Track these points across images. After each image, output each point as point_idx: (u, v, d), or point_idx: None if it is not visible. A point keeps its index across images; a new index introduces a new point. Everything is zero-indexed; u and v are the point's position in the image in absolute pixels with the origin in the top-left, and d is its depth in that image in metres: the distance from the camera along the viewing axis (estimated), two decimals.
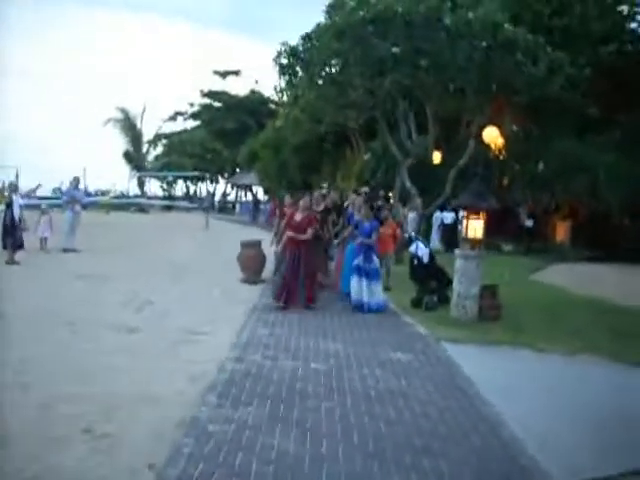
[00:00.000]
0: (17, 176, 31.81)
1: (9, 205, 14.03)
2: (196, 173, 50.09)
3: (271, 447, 4.85)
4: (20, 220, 14.14)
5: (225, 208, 58.48)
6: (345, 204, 14.08)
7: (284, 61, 15.47)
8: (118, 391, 6.02)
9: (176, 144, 56.54)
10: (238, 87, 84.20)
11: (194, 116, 60.44)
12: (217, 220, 37.26)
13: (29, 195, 20.93)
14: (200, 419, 5.36)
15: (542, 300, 12.89)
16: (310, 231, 10.83)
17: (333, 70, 15.31)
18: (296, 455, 4.74)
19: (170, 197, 59.81)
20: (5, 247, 14.02)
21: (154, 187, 62.17)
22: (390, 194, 22.43)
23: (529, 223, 23.57)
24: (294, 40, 15.47)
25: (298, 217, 10.94)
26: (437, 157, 20.91)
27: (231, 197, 63.88)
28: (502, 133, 19.72)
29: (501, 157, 22.70)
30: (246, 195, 56.23)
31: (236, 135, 50.77)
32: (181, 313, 9.92)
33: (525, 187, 23.52)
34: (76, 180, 18.35)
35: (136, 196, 52.50)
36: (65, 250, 16.90)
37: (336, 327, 9.55)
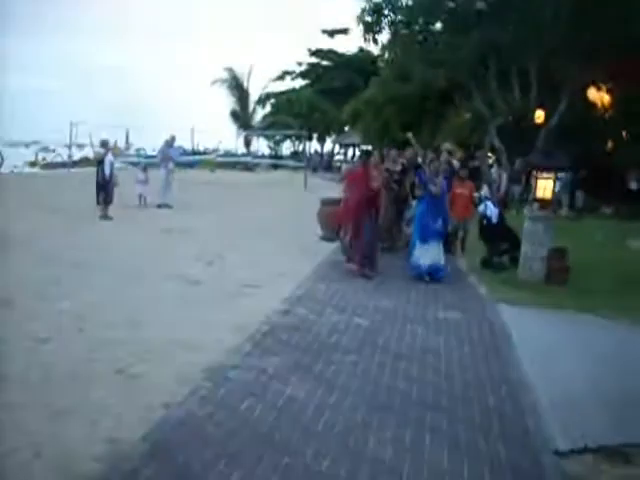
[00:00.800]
0: (127, 136, 33.40)
1: (101, 162, 14.91)
2: (303, 132, 50.51)
3: (281, 395, 5.08)
4: (111, 177, 14.99)
5: (331, 167, 58.85)
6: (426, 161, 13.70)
7: (368, 19, 15.29)
8: (161, 337, 6.43)
9: (283, 103, 57.09)
10: (346, 46, 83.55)
11: (302, 75, 60.76)
12: (321, 179, 37.60)
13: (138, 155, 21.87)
14: (225, 366, 5.66)
15: (628, 267, 12.27)
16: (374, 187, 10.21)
17: (417, 27, 14.99)
18: (302, 403, 4.94)
19: (277, 156, 60.74)
20: (99, 203, 14.95)
21: (261, 146, 63.35)
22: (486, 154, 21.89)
23: (634, 186, 22.27)
24: None
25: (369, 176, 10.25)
26: (540, 116, 20.07)
27: (339, 156, 64.10)
28: (607, 92, 18.68)
29: (607, 117, 21.50)
30: (353, 154, 56.27)
31: (343, 94, 50.57)
32: (248, 268, 10.29)
33: (633, 148, 22.18)
34: (171, 138, 19.10)
35: (243, 155, 53.74)
36: (159, 206, 17.76)
37: (394, 286, 9.60)
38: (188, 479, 3.81)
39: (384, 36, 16.50)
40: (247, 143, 56.53)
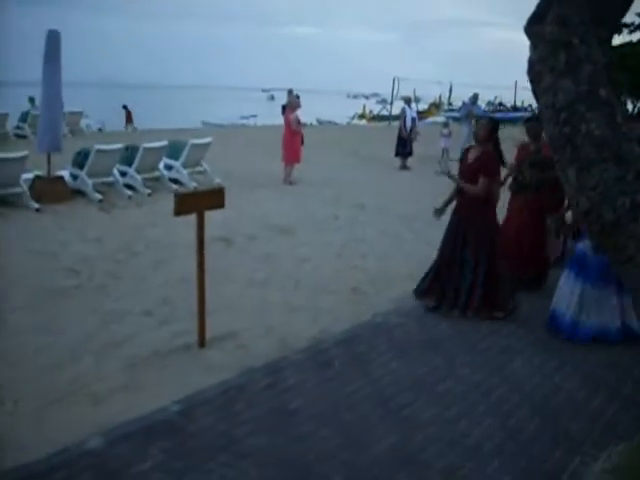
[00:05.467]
0: (450, 90, 34.73)
1: (400, 117, 16.54)
2: None
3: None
4: (410, 130, 16.53)
5: None
6: None
7: None
8: (397, 269, 7.80)
9: (615, 58, 53.00)
10: None
11: None
12: None
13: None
14: None
15: None
16: (483, 187, 6.03)
17: None
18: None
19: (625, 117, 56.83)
20: (397, 154, 16.67)
21: None
22: None
23: None
24: None
25: (471, 155, 6.23)
26: None
27: None
28: None
29: None
30: None
31: None
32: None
33: None
34: (475, 96, 19.94)
35: None
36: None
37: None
38: (358, 361, 5.15)
39: None
40: None
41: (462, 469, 3.69)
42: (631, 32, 58.21)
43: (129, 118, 27.42)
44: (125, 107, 27.70)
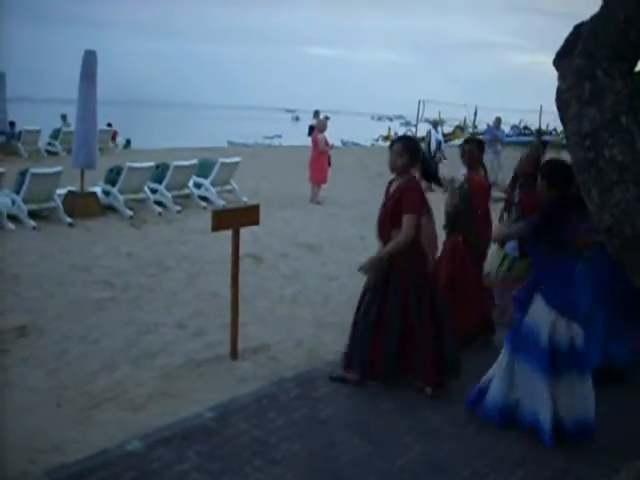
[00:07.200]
0: (475, 114, 34.88)
1: (425, 139, 16.75)
2: None
3: None
4: (435, 153, 16.70)
5: None
6: None
7: None
8: None
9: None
10: None
11: None
12: None
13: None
14: None
15: None
16: (408, 226, 4.73)
17: None
18: None
19: None
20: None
21: None
22: None
23: None
24: None
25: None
26: None
27: None
28: None
29: None
30: None
31: None
32: None
33: None
34: (497, 120, 20.06)
35: None
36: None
37: None
38: None
39: None
40: None
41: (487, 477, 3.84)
42: None
43: (113, 136, 25.75)
44: (109, 125, 25.66)
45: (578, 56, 2.68)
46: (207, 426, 4.24)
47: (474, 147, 6.00)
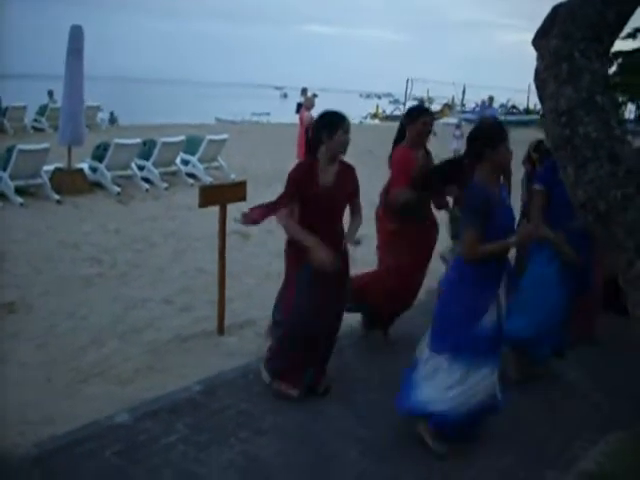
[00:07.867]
0: (463, 92, 34.87)
1: None
2: None
3: None
4: None
5: None
6: None
7: None
8: None
9: (634, 63, 52.80)
10: None
11: None
12: None
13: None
14: None
15: None
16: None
17: None
18: None
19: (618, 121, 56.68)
20: None
21: None
22: None
23: None
24: None
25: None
26: None
27: None
28: None
29: None
30: None
31: None
32: None
33: None
34: (490, 99, 20.17)
35: None
36: None
37: None
38: (368, 350, 5.39)
39: None
40: None
41: None
42: None
43: None
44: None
45: (555, 37, 2.74)
46: (194, 399, 4.32)
47: None
